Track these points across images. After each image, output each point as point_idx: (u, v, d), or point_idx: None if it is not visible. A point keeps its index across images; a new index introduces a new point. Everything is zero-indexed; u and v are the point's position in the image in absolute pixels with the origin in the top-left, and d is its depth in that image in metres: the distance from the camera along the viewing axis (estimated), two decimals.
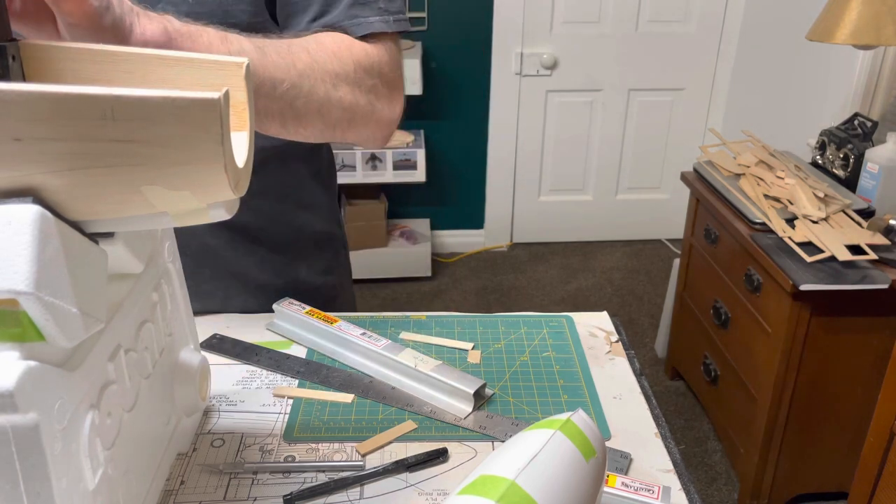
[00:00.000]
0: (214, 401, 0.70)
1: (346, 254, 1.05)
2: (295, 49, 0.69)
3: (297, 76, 0.68)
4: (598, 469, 0.49)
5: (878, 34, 1.63)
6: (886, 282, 1.51)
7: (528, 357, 0.78)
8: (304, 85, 0.68)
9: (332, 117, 0.72)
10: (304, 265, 0.95)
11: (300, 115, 0.69)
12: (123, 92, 0.38)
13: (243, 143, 0.49)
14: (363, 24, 0.76)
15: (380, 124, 0.80)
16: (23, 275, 0.37)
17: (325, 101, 0.71)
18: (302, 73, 0.68)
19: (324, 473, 0.61)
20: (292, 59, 0.68)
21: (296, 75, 0.67)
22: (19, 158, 0.39)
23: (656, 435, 0.66)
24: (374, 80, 0.76)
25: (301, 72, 0.68)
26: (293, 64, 0.67)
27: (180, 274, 0.63)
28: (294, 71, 0.67)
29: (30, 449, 0.39)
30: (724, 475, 1.98)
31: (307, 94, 0.69)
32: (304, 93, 0.68)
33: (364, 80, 0.75)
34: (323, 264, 0.98)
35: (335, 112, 0.72)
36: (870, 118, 1.89)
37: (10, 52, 0.47)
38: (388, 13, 0.77)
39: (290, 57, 0.68)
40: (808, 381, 1.66)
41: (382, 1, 0.77)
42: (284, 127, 0.69)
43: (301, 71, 0.68)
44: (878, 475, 1.30)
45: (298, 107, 0.68)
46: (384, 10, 0.77)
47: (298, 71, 0.68)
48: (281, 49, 0.67)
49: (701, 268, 2.09)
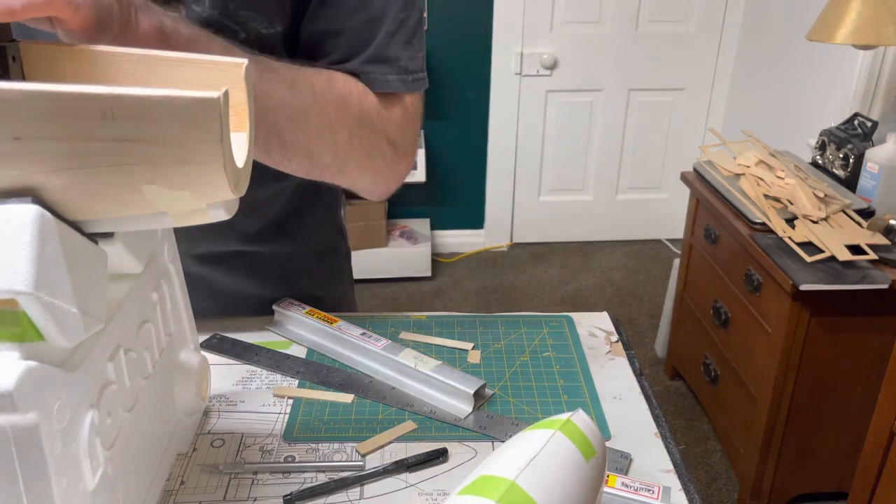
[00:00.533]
0: (214, 401, 0.70)
1: (348, 263, 1.02)
2: (300, 80, 0.66)
3: (292, 108, 0.65)
4: (598, 469, 0.49)
5: (878, 34, 1.63)
6: (886, 282, 1.51)
7: (528, 357, 0.78)
8: (298, 119, 0.66)
9: (320, 160, 0.70)
10: (306, 278, 0.92)
11: (287, 147, 0.67)
12: (123, 91, 0.38)
13: (243, 143, 0.49)
14: (380, 82, 0.73)
15: (377, 181, 0.77)
16: (22, 275, 0.37)
17: (315, 142, 0.68)
18: (298, 107, 0.65)
19: (324, 473, 0.61)
20: (293, 90, 0.65)
21: (290, 106, 0.65)
22: (19, 158, 0.39)
23: (656, 435, 0.66)
24: (378, 138, 0.73)
25: (297, 105, 0.65)
26: (292, 94, 0.65)
27: (180, 274, 0.63)
28: (290, 101, 0.65)
29: (29, 449, 0.39)
30: (724, 475, 1.98)
31: (298, 129, 0.66)
32: (294, 126, 0.66)
33: (366, 134, 0.72)
34: (325, 276, 0.96)
35: (325, 156, 0.70)
36: (870, 118, 1.89)
37: (10, 53, 0.47)
38: (408, 72, 0.74)
39: (292, 87, 0.65)
40: (808, 381, 1.66)
41: (405, 58, 0.73)
42: (268, 155, 0.67)
43: (297, 104, 0.65)
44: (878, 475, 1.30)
45: (286, 139, 0.66)
46: (405, 68, 0.74)
47: (294, 103, 0.65)
48: (284, 76, 0.65)
49: (701, 268, 2.09)
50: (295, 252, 0.91)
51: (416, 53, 0.74)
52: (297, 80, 0.66)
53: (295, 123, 0.66)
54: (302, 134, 0.67)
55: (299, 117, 0.66)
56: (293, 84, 0.65)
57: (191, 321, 0.66)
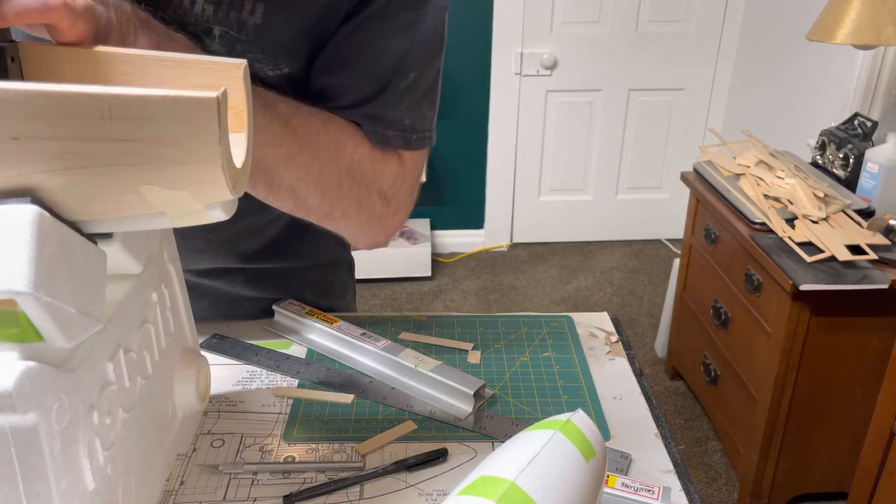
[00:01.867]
0: (214, 401, 0.70)
1: (351, 275, 1.01)
2: (296, 120, 0.64)
3: (283, 147, 0.63)
4: (598, 469, 0.49)
5: (878, 34, 1.62)
6: (886, 282, 1.51)
7: (528, 357, 0.78)
8: (287, 159, 0.64)
9: (306, 202, 0.69)
10: (308, 291, 0.91)
11: (273, 185, 0.66)
12: (122, 91, 0.38)
13: (242, 143, 0.49)
14: (379, 136, 0.71)
15: (365, 231, 0.75)
16: (21, 275, 0.37)
17: (301, 184, 0.67)
18: (288, 147, 0.64)
19: (324, 474, 0.61)
20: (286, 129, 0.63)
21: (281, 145, 0.63)
22: (17, 157, 0.39)
23: (656, 435, 0.66)
24: (368, 190, 0.71)
25: (288, 144, 0.64)
26: (284, 133, 0.63)
27: (180, 274, 0.63)
28: (281, 140, 0.63)
29: (29, 449, 0.39)
30: (724, 475, 1.98)
31: (286, 169, 0.65)
32: (283, 166, 0.65)
33: (356, 184, 0.70)
34: (328, 289, 0.94)
35: (311, 199, 0.68)
36: (870, 118, 1.89)
37: (9, 53, 0.47)
38: (412, 131, 0.71)
39: (286, 126, 0.63)
40: (808, 381, 1.66)
41: (410, 118, 0.71)
42: (254, 189, 0.66)
43: (288, 144, 0.64)
44: (878, 475, 1.30)
45: (273, 176, 0.65)
46: (410, 127, 0.71)
47: (286, 143, 0.63)
48: (281, 112, 0.63)
49: (701, 268, 2.08)
50: (297, 268, 0.90)
51: (424, 113, 0.72)
52: (293, 119, 0.64)
53: (283, 163, 0.64)
54: (289, 174, 0.65)
55: (289, 157, 0.64)
56: (288, 123, 0.63)
57: (191, 321, 0.66)
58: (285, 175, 0.66)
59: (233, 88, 0.49)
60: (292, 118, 0.64)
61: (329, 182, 0.68)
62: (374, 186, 0.72)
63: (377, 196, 0.72)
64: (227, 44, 0.65)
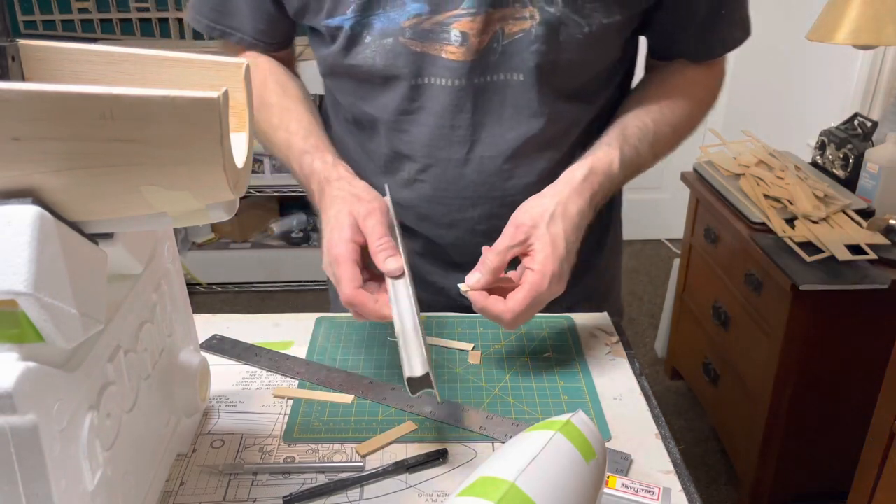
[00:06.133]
0: (214, 402, 0.70)
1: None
2: (644, 149, 0.80)
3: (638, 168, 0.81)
4: (598, 470, 0.49)
5: (878, 34, 1.62)
6: (886, 282, 1.51)
7: (528, 357, 0.77)
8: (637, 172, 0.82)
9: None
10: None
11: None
12: (122, 91, 0.38)
13: (243, 143, 0.49)
14: (722, 44, 0.85)
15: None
16: (22, 275, 0.37)
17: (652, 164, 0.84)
18: (648, 164, 0.83)
19: (323, 474, 0.61)
20: (642, 162, 0.81)
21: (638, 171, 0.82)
22: (18, 158, 0.39)
23: (656, 436, 0.66)
24: (703, 113, 0.88)
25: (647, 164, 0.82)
26: (641, 165, 0.81)
27: (180, 274, 0.63)
28: (638, 169, 0.81)
29: (29, 450, 0.39)
30: (724, 475, 1.98)
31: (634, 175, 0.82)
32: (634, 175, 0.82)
33: (694, 124, 0.87)
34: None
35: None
36: (870, 118, 1.89)
37: (10, 53, 0.47)
38: (747, 21, 0.85)
39: (640, 165, 0.81)
40: (808, 382, 1.66)
41: (744, 8, 0.84)
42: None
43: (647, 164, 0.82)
44: (878, 475, 1.29)
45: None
46: (745, 18, 0.85)
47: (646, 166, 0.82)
48: (638, 153, 0.79)
49: (701, 268, 2.08)
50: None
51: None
52: (640, 152, 0.79)
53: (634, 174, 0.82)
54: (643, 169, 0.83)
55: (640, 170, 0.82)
56: (638, 157, 0.79)
57: (190, 322, 0.66)
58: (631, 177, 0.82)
59: (234, 88, 0.49)
60: (654, 149, 0.81)
61: (686, 135, 0.86)
62: (713, 99, 0.88)
63: (716, 95, 0.89)
64: (569, 2, 0.74)
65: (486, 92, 0.78)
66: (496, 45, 0.75)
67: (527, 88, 0.77)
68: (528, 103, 0.78)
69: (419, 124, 0.80)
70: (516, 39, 0.75)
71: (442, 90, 0.77)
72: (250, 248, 3.01)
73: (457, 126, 0.79)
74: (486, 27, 0.74)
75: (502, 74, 0.77)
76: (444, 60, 0.76)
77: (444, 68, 0.76)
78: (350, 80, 0.82)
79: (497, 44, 0.75)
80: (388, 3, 0.75)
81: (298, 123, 0.82)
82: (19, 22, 2.78)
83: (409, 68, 0.77)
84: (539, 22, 0.74)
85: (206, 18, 0.86)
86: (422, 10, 0.74)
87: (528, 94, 0.78)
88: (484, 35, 0.74)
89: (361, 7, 0.75)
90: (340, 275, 0.66)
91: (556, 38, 0.74)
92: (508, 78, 0.77)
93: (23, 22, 2.79)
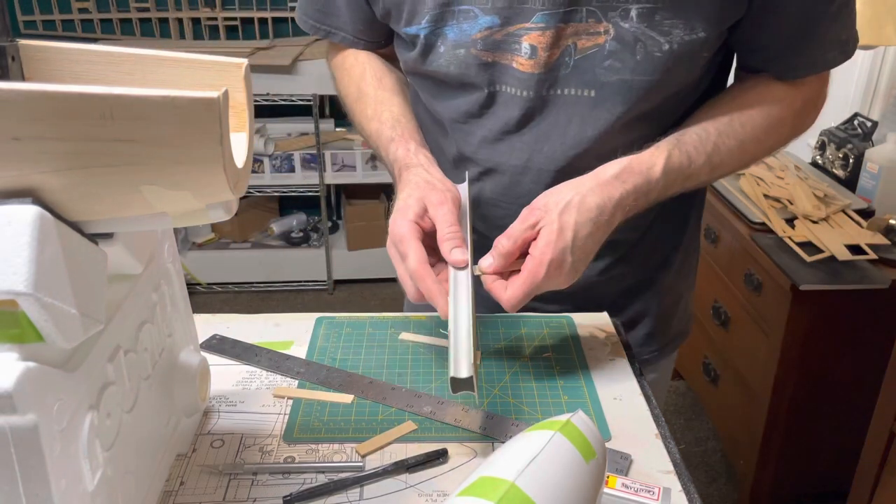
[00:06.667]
0: (214, 401, 0.70)
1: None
2: (716, 158, 0.77)
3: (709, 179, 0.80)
4: (598, 470, 0.49)
5: (878, 34, 1.62)
6: (886, 282, 1.51)
7: (528, 357, 0.77)
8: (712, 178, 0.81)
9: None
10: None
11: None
12: (123, 91, 0.38)
13: (243, 143, 0.49)
14: (819, 63, 0.81)
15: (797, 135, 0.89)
16: (22, 275, 0.37)
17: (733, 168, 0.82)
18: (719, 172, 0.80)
19: (323, 474, 0.61)
20: (714, 171, 0.79)
21: (707, 179, 0.80)
22: (18, 158, 0.39)
23: (656, 436, 0.66)
24: (781, 137, 0.86)
25: (713, 174, 0.79)
26: (711, 175, 0.79)
27: (180, 274, 0.63)
28: (707, 178, 0.79)
29: (29, 450, 0.39)
30: (724, 475, 1.98)
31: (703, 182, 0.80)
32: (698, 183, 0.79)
33: (772, 139, 0.84)
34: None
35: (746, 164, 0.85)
36: (870, 118, 1.89)
37: (10, 53, 0.47)
38: (847, 43, 0.80)
39: (712, 171, 0.78)
40: (808, 381, 1.66)
41: (846, 30, 0.79)
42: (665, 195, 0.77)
43: (713, 174, 0.79)
44: (878, 475, 1.29)
45: (687, 186, 0.77)
46: (845, 41, 0.79)
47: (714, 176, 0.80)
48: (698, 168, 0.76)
49: (701, 268, 2.08)
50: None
51: (852, 19, 0.79)
52: (713, 159, 0.76)
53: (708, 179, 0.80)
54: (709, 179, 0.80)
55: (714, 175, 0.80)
56: (710, 162, 0.76)
57: (190, 322, 0.66)
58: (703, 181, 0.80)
59: (234, 88, 0.49)
60: (711, 159, 0.76)
61: (757, 153, 0.83)
62: (797, 121, 0.85)
63: (802, 116, 0.85)
64: (645, 18, 0.72)
65: (555, 105, 0.77)
66: (568, 59, 0.74)
67: (597, 105, 0.76)
68: (595, 121, 0.77)
69: (485, 129, 0.81)
70: (589, 55, 0.74)
71: (511, 98, 0.78)
72: (250, 248, 3.02)
73: (520, 135, 0.79)
74: (556, 41, 0.74)
75: (572, 89, 0.76)
76: (514, 70, 0.76)
77: (514, 78, 0.77)
78: (429, 81, 0.84)
79: (569, 58, 0.74)
80: (461, 15, 0.75)
81: (390, 113, 0.83)
82: (19, 22, 2.78)
83: (482, 77, 0.77)
84: (612, 37, 0.73)
85: (311, 19, 0.90)
86: (493, 24, 0.75)
87: (596, 112, 0.76)
88: (554, 49, 0.74)
89: (435, 18, 0.76)
90: (406, 250, 0.66)
91: (632, 55, 0.73)
92: (579, 93, 0.76)
93: (23, 22, 2.79)
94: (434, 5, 0.76)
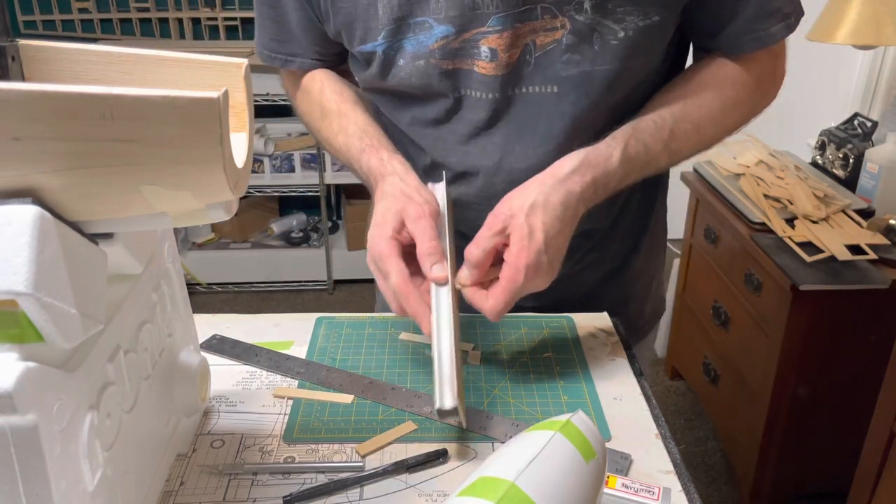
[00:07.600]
0: (214, 402, 0.70)
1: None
2: (673, 143, 0.78)
3: (657, 165, 0.79)
4: (598, 470, 0.49)
5: (878, 34, 1.62)
6: (886, 282, 1.51)
7: (528, 357, 0.77)
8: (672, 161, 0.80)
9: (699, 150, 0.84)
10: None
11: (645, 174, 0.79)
12: (122, 91, 0.38)
13: (243, 143, 0.49)
14: (759, 40, 0.79)
15: (759, 110, 0.88)
16: (22, 275, 0.37)
17: (691, 151, 0.82)
18: (677, 157, 0.80)
19: (323, 474, 0.61)
20: (672, 156, 0.79)
21: (667, 164, 0.80)
22: (18, 158, 0.39)
23: (656, 436, 0.66)
24: (750, 104, 0.85)
25: (672, 158, 0.80)
26: (670, 159, 0.80)
27: (180, 274, 0.63)
28: (667, 161, 0.80)
29: (29, 450, 0.39)
30: (724, 475, 1.98)
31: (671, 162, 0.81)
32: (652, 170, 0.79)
33: (737, 111, 0.83)
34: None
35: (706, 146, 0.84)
36: (870, 118, 1.89)
37: (10, 53, 0.47)
38: (791, 15, 0.80)
39: (670, 155, 0.78)
40: (808, 381, 1.66)
41: (787, 3, 0.79)
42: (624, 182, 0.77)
43: (672, 157, 0.80)
44: (878, 475, 1.29)
45: (644, 173, 0.78)
46: (787, 13, 0.79)
47: (673, 159, 0.80)
48: (656, 152, 0.76)
49: (701, 268, 2.08)
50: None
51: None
52: (670, 142, 0.77)
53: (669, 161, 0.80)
54: (678, 158, 0.81)
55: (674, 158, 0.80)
56: (668, 149, 0.77)
57: (190, 322, 0.66)
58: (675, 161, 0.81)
59: (234, 88, 0.49)
60: (669, 145, 0.77)
61: (716, 135, 0.82)
62: (753, 99, 0.84)
63: (758, 94, 0.84)
64: (599, 8, 0.72)
65: (521, 104, 0.77)
66: (529, 57, 0.75)
67: (560, 100, 0.76)
68: (561, 116, 0.77)
69: (455, 133, 0.81)
70: (548, 51, 0.74)
71: (478, 101, 0.78)
72: (250, 248, 3.02)
73: (490, 136, 0.79)
74: (514, 42, 0.74)
75: (536, 87, 0.76)
76: (477, 75, 0.76)
77: (477, 82, 0.77)
78: (391, 95, 0.84)
79: (530, 56, 0.75)
80: (417, 27, 0.75)
81: (355, 125, 0.83)
82: (19, 22, 2.78)
83: (445, 84, 0.77)
84: (569, 31, 0.73)
85: (266, 49, 0.90)
86: (448, 32, 0.75)
87: (561, 107, 0.77)
88: (514, 49, 0.74)
89: (391, 32, 0.76)
90: (388, 268, 0.67)
91: (590, 46, 0.73)
92: (543, 90, 0.76)
93: (23, 22, 2.79)
94: (388, 21, 0.75)
